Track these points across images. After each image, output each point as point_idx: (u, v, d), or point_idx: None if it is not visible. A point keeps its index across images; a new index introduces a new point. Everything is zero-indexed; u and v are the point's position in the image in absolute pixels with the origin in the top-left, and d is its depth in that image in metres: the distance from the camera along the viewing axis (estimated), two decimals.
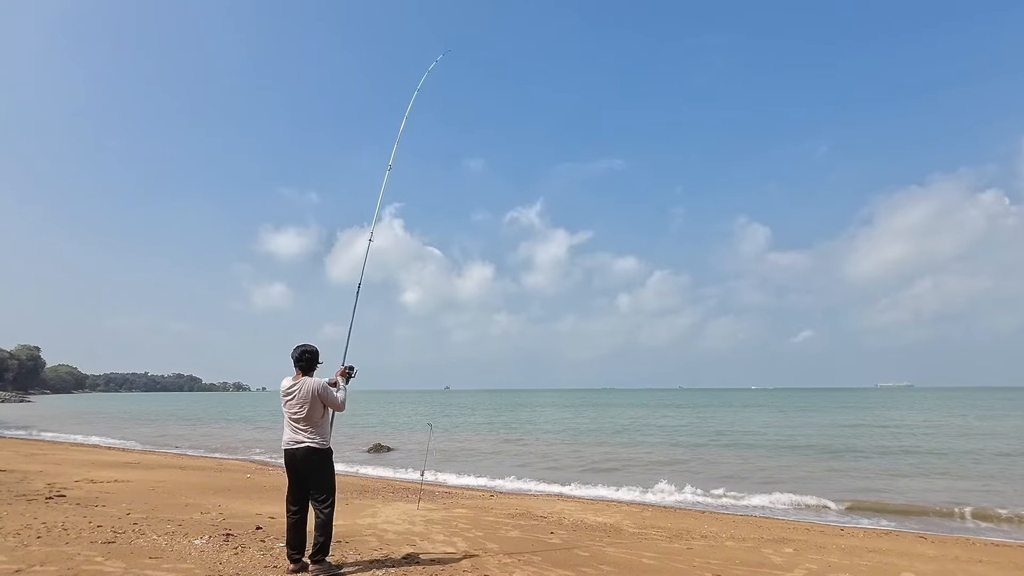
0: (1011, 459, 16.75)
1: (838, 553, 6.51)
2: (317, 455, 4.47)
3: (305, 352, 4.64)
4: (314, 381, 4.52)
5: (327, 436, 4.58)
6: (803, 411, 47.08)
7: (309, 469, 4.45)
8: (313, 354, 4.66)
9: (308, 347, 4.66)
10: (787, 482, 13.16)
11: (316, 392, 4.48)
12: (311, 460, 4.45)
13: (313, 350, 4.68)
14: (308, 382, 4.52)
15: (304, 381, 4.53)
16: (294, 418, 4.48)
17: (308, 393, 4.47)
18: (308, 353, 4.63)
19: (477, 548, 5.74)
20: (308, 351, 4.63)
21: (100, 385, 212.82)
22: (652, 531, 7.47)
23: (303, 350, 4.63)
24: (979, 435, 24.18)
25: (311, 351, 4.65)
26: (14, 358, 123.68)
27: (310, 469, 4.46)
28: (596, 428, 30.68)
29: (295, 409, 4.47)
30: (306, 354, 4.62)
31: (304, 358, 4.61)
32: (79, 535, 5.34)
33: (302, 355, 4.61)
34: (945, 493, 11.76)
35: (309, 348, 4.66)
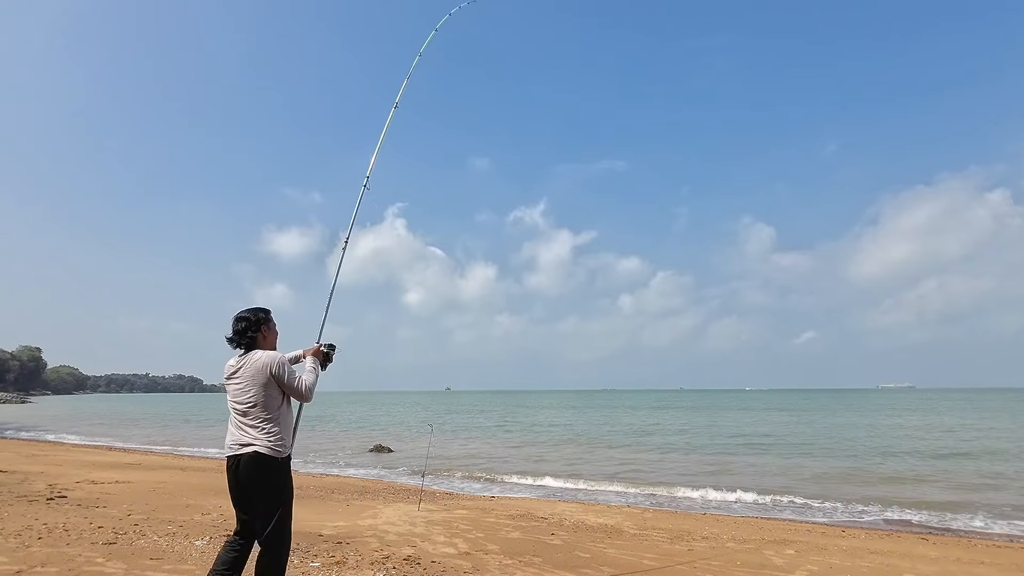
0: (1012, 459, 16.71)
1: (839, 555, 6.50)
2: (266, 467, 2.98)
3: (240, 321, 3.19)
4: (267, 355, 3.10)
5: (285, 439, 3.11)
6: (803, 412, 46.99)
7: (253, 485, 2.99)
8: (251, 321, 3.19)
9: (244, 313, 3.21)
10: (788, 483, 13.14)
11: (269, 371, 3.05)
12: (256, 473, 2.98)
13: (250, 316, 3.20)
14: (258, 356, 3.09)
15: (252, 356, 3.11)
16: (238, 409, 3.07)
17: (257, 372, 3.05)
18: (243, 321, 3.18)
19: (478, 549, 5.74)
20: (243, 318, 3.19)
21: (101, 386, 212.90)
22: (653, 532, 7.46)
23: (236, 318, 3.20)
24: (980, 435, 24.14)
25: (248, 317, 3.19)
26: (15, 359, 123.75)
27: (254, 485, 2.99)
28: (596, 429, 30.66)
29: (239, 396, 3.08)
30: (241, 323, 3.18)
31: (240, 329, 3.17)
32: (80, 536, 5.34)
33: (236, 325, 3.18)
34: (945, 494, 11.73)
35: (245, 315, 3.20)
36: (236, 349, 3.22)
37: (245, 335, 3.18)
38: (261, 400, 3.05)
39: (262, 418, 3.05)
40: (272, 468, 3.02)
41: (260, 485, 3.00)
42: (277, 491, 3.03)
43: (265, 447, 3.00)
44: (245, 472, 2.99)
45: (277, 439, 3.05)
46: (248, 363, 3.10)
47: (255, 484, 2.99)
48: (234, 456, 3.04)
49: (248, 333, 3.19)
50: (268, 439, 3.02)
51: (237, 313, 3.24)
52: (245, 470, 2.99)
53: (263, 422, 3.04)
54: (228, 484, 3.09)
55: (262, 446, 3.00)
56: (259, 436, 3.02)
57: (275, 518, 2.98)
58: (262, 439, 3.01)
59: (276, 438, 3.04)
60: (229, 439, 3.10)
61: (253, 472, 2.98)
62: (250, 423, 3.05)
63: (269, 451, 3.01)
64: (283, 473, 3.06)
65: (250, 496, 3.01)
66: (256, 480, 3.00)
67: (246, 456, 2.99)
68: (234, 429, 3.09)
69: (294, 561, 4.77)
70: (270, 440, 3.02)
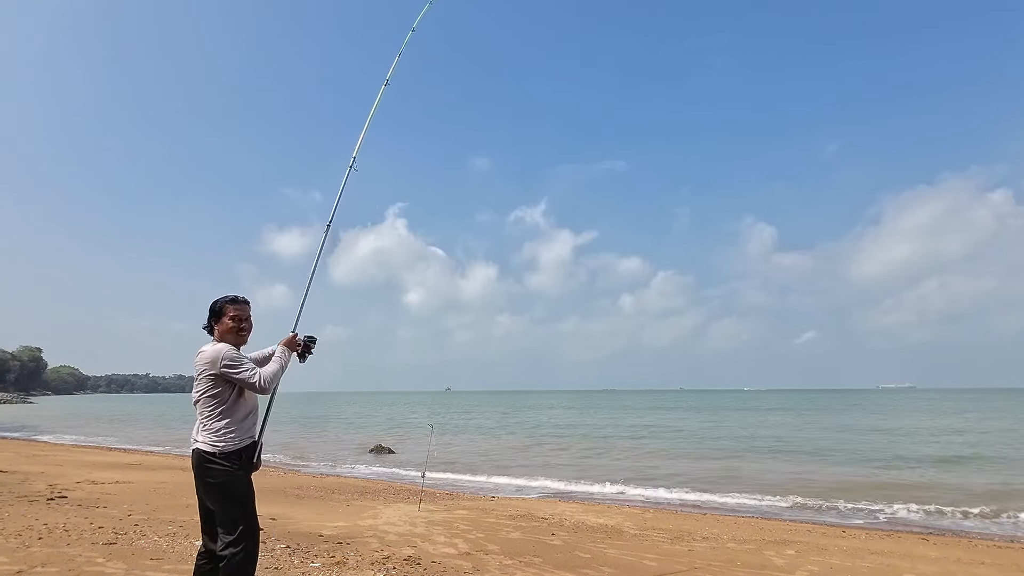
0: (1013, 459, 16.70)
1: (840, 555, 6.50)
2: (210, 466, 2.85)
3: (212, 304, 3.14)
4: (211, 350, 2.97)
5: (231, 434, 2.91)
6: (806, 413, 46.99)
7: (201, 483, 2.90)
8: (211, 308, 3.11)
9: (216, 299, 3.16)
10: (788, 483, 13.14)
11: (213, 364, 2.91)
12: (198, 471, 2.89)
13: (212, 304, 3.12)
14: (207, 349, 2.99)
15: (205, 347, 3.01)
16: (193, 401, 3.01)
17: (203, 363, 2.94)
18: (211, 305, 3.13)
19: (478, 549, 5.74)
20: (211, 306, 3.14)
21: (102, 386, 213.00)
22: (653, 533, 7.46)
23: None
24: (981, 435, 24.13)
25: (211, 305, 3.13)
26: (16, 359, 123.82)
27: (202, 484, 2.89)
28: (597, 429, 30.65)
29: (194, 388, 3.01)
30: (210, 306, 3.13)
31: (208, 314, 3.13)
32: (80, 536, 5.34)
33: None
34: (946, 494, 11.73)
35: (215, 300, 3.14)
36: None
37: (207, 325, 3.12)
38: (206, 395, 2.94)
39: (206, 414, 2.94)
40: (212, 463, 2.87)
41: (201, 484, 2.90)
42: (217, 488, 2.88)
43: (206, 443, 2.89)
44: (195, 470, 2.91)
45: (218, 434, 2.90)
46: (198, 354, 2.99)
47: (202, 483, 2.89)
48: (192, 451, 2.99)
49: (205, 325, 3.13)
50: (210, 435, 2.90)
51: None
52: (194, 469, 2.92)
53: (207, 418, 2.93)
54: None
55: (203, 442, 2.90)
56: (202, 432, 2.92)
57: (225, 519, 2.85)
58: (203, 436, 2.91)
59: (218, 435, 2.90)
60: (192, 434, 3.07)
61: (200, 470, 2.89)
62: (198, 419, 2.96)
63: (208, 447, 2.88)
64: (224, 469, 2.87)
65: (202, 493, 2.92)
66: (198, 479, 2.91)
67: (194, 453, 2.93)
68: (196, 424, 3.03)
69: (294, 561, 4.77)
70: (212, 436, 2.90)
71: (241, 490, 2.91)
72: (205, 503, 2.94)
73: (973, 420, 34.91)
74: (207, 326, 3.11)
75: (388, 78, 4.68)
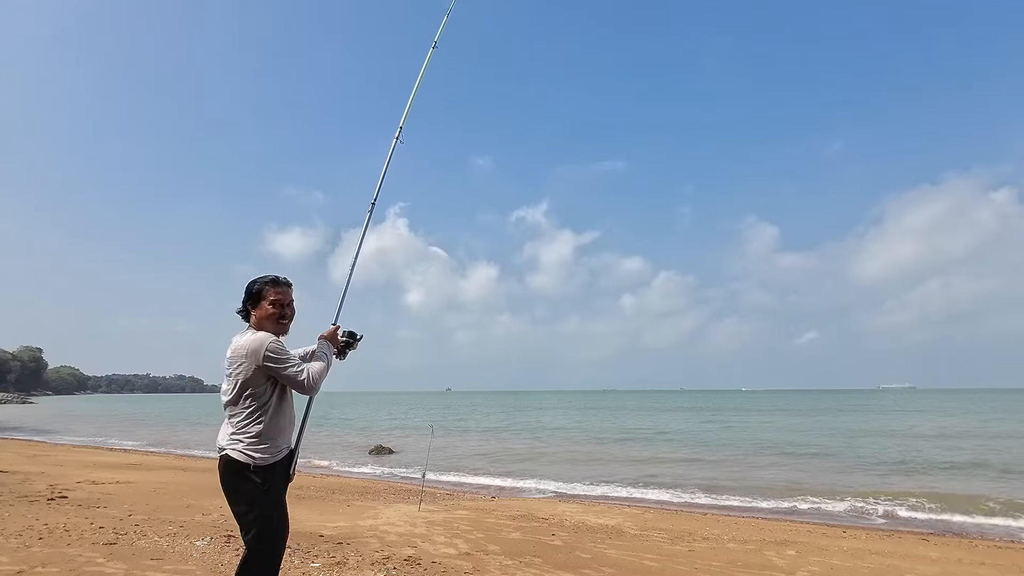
0: (1014, 459, 16.68)
1: (840, 555, 6.49)
2: (236, 475, 2.48)
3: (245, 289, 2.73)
4: (253, 338, 2.54)
5: (269, 442, 2.52)
6: (807, 413, 46.95)
7: (229, 497, 2.53)
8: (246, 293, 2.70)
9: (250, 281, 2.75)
10: (789, 484, 13.13)
11: (254, 356, 2.49)
12: (227, 481, 2.51)
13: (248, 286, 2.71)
14: (246, 338, 2.56)
15: (243, 336, 2.60)
16: (223, 400, 2.60)
17: (241, 355, 2.51)
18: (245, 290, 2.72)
19: (478, 550, 5.73)
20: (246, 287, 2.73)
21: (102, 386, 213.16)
22: (654, 533, 7.46)
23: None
24: (982, 436, 24.10)
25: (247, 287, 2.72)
26: (16, 359, 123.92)
27: (230, 497, 2.52)
28: (597, 430, 30.64)
29: (224, 387, 2.58)
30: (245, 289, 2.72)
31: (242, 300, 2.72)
32: (81, 536, 5.34)
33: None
34: (947, 495, 11.71)
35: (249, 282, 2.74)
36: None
37: (242, 309, 2.70)
38: (241, 392, 2.50)
39: (240, 416, 2.50)
40: (242, 477, 2.45)
41: (233, 496, 2.50)
42: (247, 504, 2.46)
43: (238, 451, 2.46)
44: (222, 479, 2.53)
45: (254, 442, 2.47)
46: (234, 348, 2.56)
47: (228, 494, 2.51)
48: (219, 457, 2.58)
49: (240, 309, 2.70)
50: (243, 441, 2.47)
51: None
52: (222, 478, 2.52)
53: (241, 421, 2.50)
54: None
55: (234, 449, 2.47)
56: (234, 437, 2.49)
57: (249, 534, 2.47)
58: (236, 442, 2.48)
59: (254, 443, 2.46)
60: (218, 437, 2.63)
61: (227, 479, 2.50)
62: (228, 420, 2.54)
63: (242, 457, 2.45)
64: (257, 484, 2.46)
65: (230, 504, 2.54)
66: (227, 488, 2.51)
67: (220, 460, 2.53)
68: (222, 425, 2.60)
69: (294, 562, 4.77)
70: (245, 442, 2.47)
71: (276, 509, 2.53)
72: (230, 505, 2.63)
73: (974, 420, 34.87)
74: (242, 310, 2.71)
75: (436, 40, 4.32)
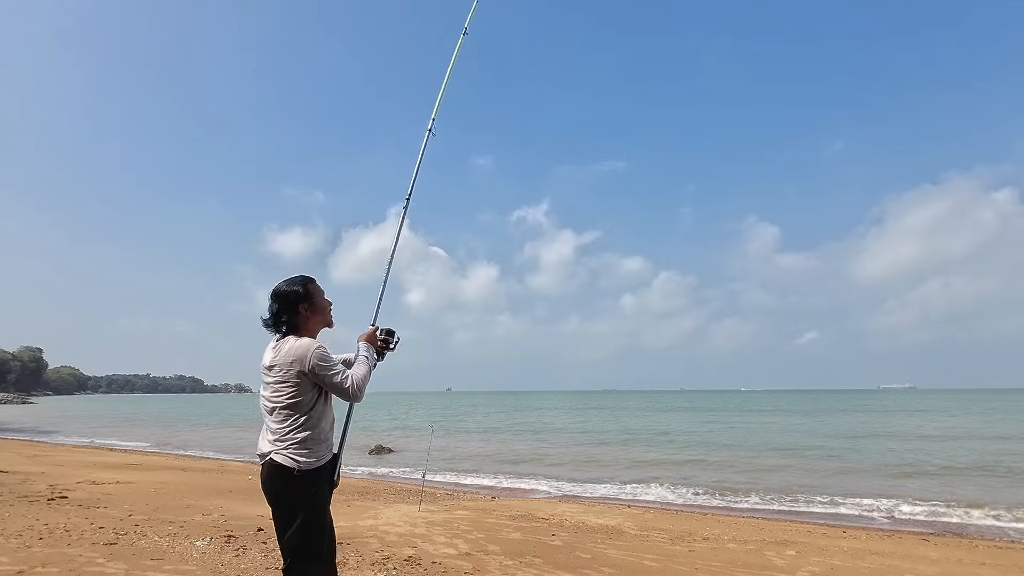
0: (1016, 460, 16.67)
1: (841, 555, 6.49)
2: (282, 481, 2.44)
3: (274, 299, 2.60)
4: (300, 345, 2.49)
5: (314, 447, 2.49)
6: (805, 414, 46.94)
7: (274, 502, 2.49)
8: (287, 300, 2.58)
9: (280, 287, 2.61)
10: (789, 484, 13.12)
11: (301, 363, 2.45)
12: (273, 487, 2.47)
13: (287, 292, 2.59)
14: (289, 346, 2.50)
15: (284, 345, 2.53)
16: (265, 407, 2.55)
17: (287, 362, 2.47)
18: (277, 300, 2.59)
19: (478, 550, 5.73)
20: (278, 295, 2.60)
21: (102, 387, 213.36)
22: (654, 533, 7.46)
23: (272, 295, 2.62)
24: (982, 436, 24.09)
25: (284, 293, 2.59)
26: (16, 360, 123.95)
27: (275, 503, 2.48)
28: (598, 430, 30.63)
29: (266, 392, 2.54)
30: (275, 302, 2.59)
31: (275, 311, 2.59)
32: (81, 536, 5.34)
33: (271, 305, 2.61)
34: (948, 495, 11.71)
35: (281, 290, 2.60)
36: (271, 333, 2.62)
37: (280, 319, 2.58)
38: (288, 399, 2.47)
39: (286, 423, 2.48)
40: (290, 482, 2.43)
41: (279, 502, 2.47)
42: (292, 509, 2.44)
43: (283, 456, 2.44)
44: (266, 485, 2.49)
45: (300, 447, 2.45)
46: (279, 355, 2.51)
47: (274, 500, 2.48)
48: (262, 465, 2.54)
49: (282, 318, 2.58)
50: (289, 447, 2.45)
51: (275, 287, 2.63)
52: (265, 482, 2.49)
53: (287, 427, 2.47)
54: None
55: (280, 454, 2.44)
56: (279, 442, 2.46)
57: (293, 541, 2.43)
58: (283, 445, 2.45)
59: (298, 446, 2.45)
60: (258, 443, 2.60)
61: (270, 486, 2.47)
62: (273, 426, 2.50)
63: (288, 461, 2.43)
64: (304, 489, 2.45)
65: (274, 511, 2.50)
66: (273, 496, 2.48)
67: (265, 466, 2.50)
68: (262, 430, 2.58)
69: None
70: (291, 448, 2.44)
71: (322, 517, 2.52)
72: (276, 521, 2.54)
73: (974, 421, 34.86)
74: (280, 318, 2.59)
75: (466, 27, 4.21)
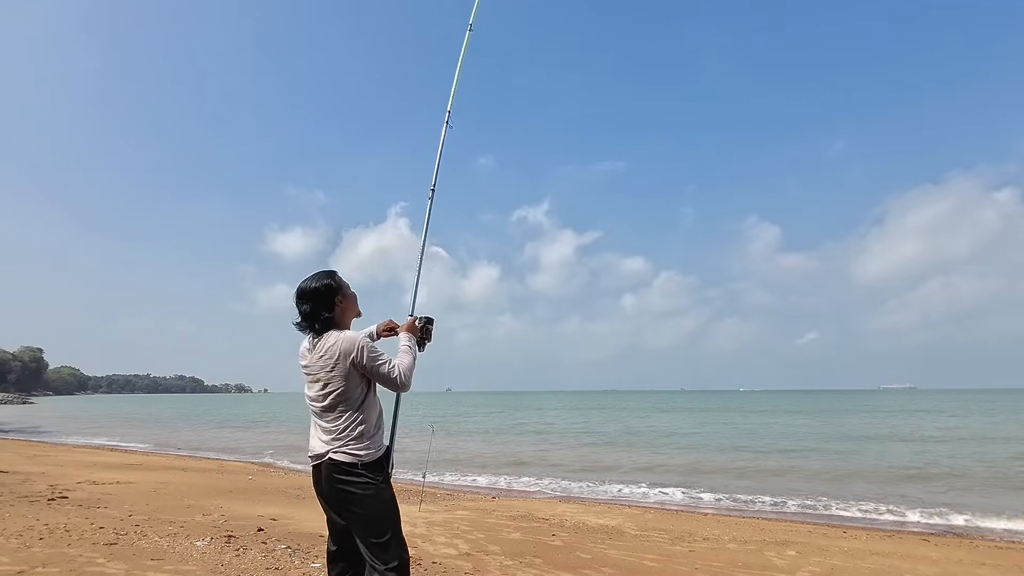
0: (1016, 459, 16.67)
1: (841, 556, 6.49)
2: (348, 477, 2.34)
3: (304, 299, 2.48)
4: (344, 339, 2.40)
5: (372, 438, 2.42)
6: (806, 414, 46.92)
7: (339, 501, 2.38)
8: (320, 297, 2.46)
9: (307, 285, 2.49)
10: (789, 484, 13.12)
11: (350, 356, 2.36)
12: (339, 485, 2.36)
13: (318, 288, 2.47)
14: (332, 341, 2.40)
15: (325, 340, 2.42)
16: (313, 408, 2.47)
17: (334, 357, 2.37)
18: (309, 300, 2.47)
19: (479, 550, 5.73)
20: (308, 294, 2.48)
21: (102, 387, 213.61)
22: (654, 533, 7.45)
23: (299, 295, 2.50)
24: (982, 437, 24.07)
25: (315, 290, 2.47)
26: (17, 359, 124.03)
27: (340, 501, 2.37)
28: (598, 430, 30.62)
29: (312, 391, 2.44)
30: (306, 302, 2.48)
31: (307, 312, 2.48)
32: (81, 536, 5.35)
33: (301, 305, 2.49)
34: (949, 495, 11.71)
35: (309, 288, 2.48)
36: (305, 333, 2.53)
37: (316, 318, 2.47)
38: (339, 395, 2.38)
39: (340, 418, 2.39)
40: (358, 476, 2.34)
41: (348, 499, 2.35)
42: (362, 507, 2.34)
43: (343, 454, 2.35)
44: (328, 486, 2.38)
45: (358, 442, 2.37)
46: (322, 350, 2.41)
47: (341, 499, 2.36)
48: (315, 466, 2.45)
49: (321, 314, 2.47)
50: (347, 442, 2.36)
51: (299, 287, 2.51)
52: (328, 483, 2.38)
53: (341, 423, 2.39)
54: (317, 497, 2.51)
55: (339, 452, 2.36)
56: (337, 441, 2.37)
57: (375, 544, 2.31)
58: (341, 442, 2.36)
59: (356, 441, 2.37)
60: (310, 445, 2.49)
61: (336, 485, 2.35)
62: (326, 424, 2.41)
63: (348, 457, 2.34)
64: (371, 480, 2.35)
65: (340, 515, 2.40)
66: (341, 494, 2.35)
67: (325, 466, 2.39)
68: (312, 432, 2.49)
69: (295, 562, 4.77)
70: (350, 443, 2.36)
71: (392, 506, 2.41)
72: (340, 525, 2.43)
73: (974, 421, 34.84)
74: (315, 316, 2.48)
75: (471, 22, 4.13)
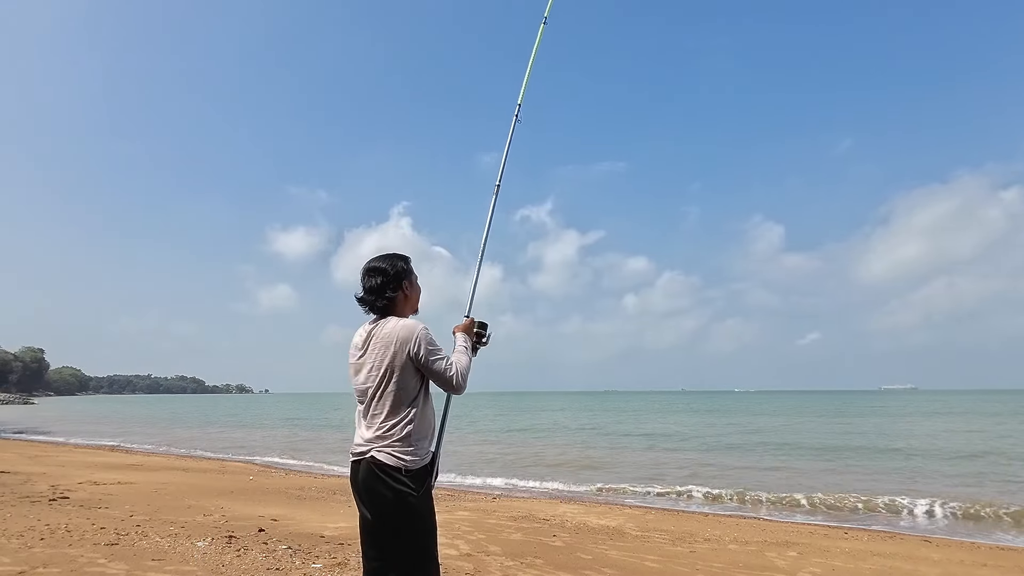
0: (1017, 460, 16.64)
1: (842, 557, 6.48)
2: (389, 480, 2.11)
3: (372, 274, 2.29)
4: (404, 326, 2.20)
5: (420, 442, 2.20)
6: (807, 415, 46.88)
7: (376, 506, 2.14)
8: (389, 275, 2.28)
9: (377, 264, 2.31)
10: (789, 484, 13.10)
11: (407, 346, 2.16)
12: (377, 487, 2.13)
13: (387, 267, 2.29)
14: (391, 327, 2.20)
15: (384, 326, 2.22)
16: (361, 399, 2.25)
17: (388, 348, 2.17)
18: (377, 275, 2.28)
19: (479, 551, 5.73)
20: (377, 269, 2.29)
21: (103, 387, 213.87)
22: (655, 534, 7.45)
23: (367, 270, 2.31)
24: (982, 437, 24.04)
25: (384, 268, 2.28)
26: (18, 360, 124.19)
27: (378, 507, 2.14)
28: (599, 431, 30.61)
29: (362, 381, 2.22)
30: (375, 276, 2.28)
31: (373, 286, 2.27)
32: (82, 537, 5.35)
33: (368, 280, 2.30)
34: (949, 496, 11.68)
35: (379, 265, 2.30)
36: (368, 314, 2.31)
37: (382, 295, 2.25)
38: (391, 387, 2.16)
39: (390, 414, 2.16)
40: (398, 482, 2.10)
41: (383, 504, 2.12)
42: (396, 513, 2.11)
43: (388, 454, 2.12)
44: (365, 485, 2.15)
45: (404, 444, 2.14)
46: (378, 336, 2.20)
47: (376, 502, 2.14)
48: (354, 462, 2.22)
49: (386, 292, 2.25)
50: (394, 442, 2.14)
51: (367, 263, 2.31)
52: (365, 483, 2.15)
53: (391, 420, 2.16)
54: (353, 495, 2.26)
55: (383, 452, 2.13)
56: (382, 439, 2.15)
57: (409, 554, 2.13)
58: (386, 442, 2.14)
59: (403, 443, 2.14)
60: (354, 440, 2.25)
61: (373, 486, 2.13)
62: (373, 419, 2.19)
63: (393, 460, 2.11)
64: (414, 489, 2.12)
65: (374, 516, 2.15)
66: (377, 497, 2.13)
67: (365, 464, 2.16)
68: (357, 425, 2.26)
69: (295, 562, 4.77)
70: (396, 444, 2.14)
71: (429, 523, 2.19)
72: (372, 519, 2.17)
73: (975, 422, 34.78)
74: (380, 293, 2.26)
75: (546, 15, 4.05)
